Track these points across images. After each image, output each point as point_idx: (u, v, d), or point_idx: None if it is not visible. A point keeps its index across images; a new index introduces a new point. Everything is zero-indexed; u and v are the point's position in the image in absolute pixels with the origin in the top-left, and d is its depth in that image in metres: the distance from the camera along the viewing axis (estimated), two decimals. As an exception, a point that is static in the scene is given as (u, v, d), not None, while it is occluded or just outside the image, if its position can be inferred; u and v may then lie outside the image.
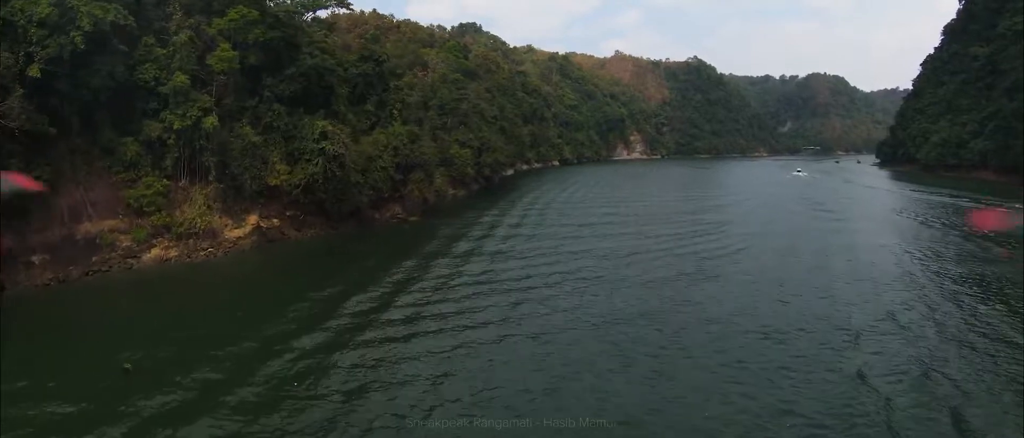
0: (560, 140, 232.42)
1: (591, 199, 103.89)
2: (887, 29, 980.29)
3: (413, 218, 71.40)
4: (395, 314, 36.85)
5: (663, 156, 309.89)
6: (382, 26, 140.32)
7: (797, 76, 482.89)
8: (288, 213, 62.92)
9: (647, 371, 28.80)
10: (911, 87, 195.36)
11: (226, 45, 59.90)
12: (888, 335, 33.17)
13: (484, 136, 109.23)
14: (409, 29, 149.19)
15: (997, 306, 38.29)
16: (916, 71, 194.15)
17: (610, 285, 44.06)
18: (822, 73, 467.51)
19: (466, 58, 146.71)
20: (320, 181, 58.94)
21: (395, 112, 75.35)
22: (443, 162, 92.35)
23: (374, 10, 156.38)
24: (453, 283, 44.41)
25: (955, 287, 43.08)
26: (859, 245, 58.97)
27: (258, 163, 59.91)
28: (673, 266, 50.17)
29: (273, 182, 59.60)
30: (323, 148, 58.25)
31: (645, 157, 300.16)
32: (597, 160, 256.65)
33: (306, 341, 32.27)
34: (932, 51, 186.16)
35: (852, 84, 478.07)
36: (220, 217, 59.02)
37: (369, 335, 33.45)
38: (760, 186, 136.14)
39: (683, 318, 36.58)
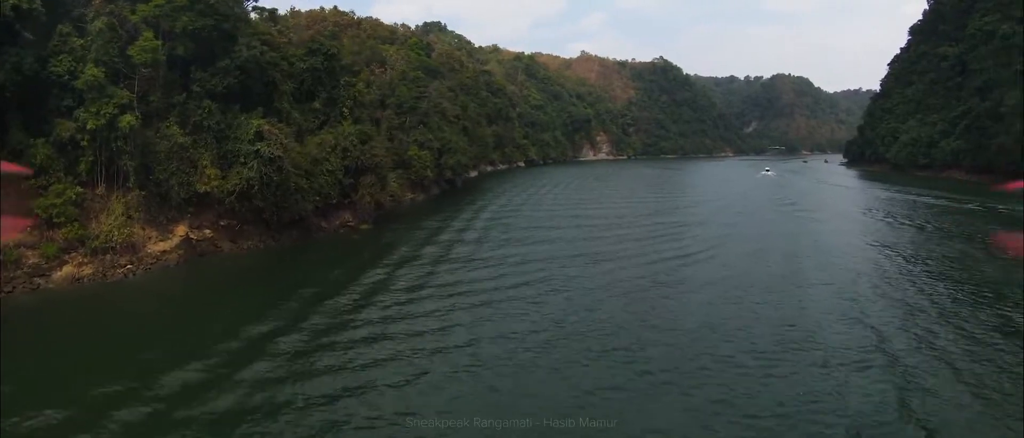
0: (526, 141, 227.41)
1: (557, 203, 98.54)
2: (850, 32, 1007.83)
3: (365, 226, 65.07)
4: (328, 359, 30.14)
5: (629, 157, 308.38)
6: (342, 23, 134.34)
7: (762, 77, 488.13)
8: (222, 223, 56.30)
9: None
10: (876, 88, 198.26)
11: (149, 34, 53.21)
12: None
13: (445, 137, 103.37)
14: (370, 26, 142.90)
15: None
16: (879, 72, 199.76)
17: (584, 302, 39.10)
18: (787, 74, 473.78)
19: (429, 56, 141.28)
20: (256, 187, 52.42)
21: (346, 110, 68.95)
22: (401, 164, 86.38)
23: (335, 7, 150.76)
24: (401, 307, 38.45)
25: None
26: (857, 254, 55.00)
27: (186, 167, 53.30)
28: (656, 283, 45.07)
29: (203, 189, 53.01)
30: (258, 150, 51.80)
31: (611, 158, 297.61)
32: (563, 161, 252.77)
33: (218, 402, 25.40)
34: (899, 52, 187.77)
35: (816, 85, 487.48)
36: (143, 228, 52.24)
37: (299, 388, 26.78)
38: (732, 187, 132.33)
39: (674, 338, 32.37)
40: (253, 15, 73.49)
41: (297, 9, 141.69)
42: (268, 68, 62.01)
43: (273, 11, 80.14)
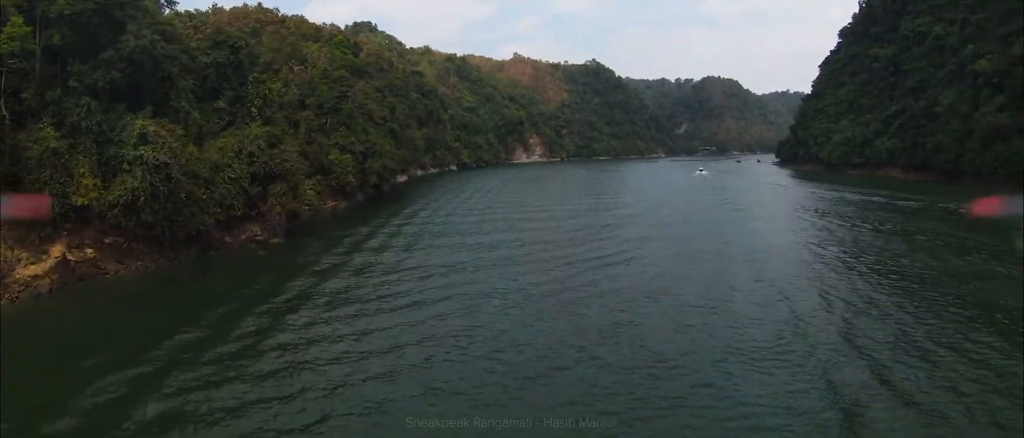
0: (458, 143, 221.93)
1: (489, 207, 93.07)
2: (777, 36, 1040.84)
3: (275, 240, 57.91)
4: (220, 399, 24.22)
5: (563, 158, 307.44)
6: (264, 20, 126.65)
7: (692, 80, 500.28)
8: (107, 241, 48.54)
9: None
10: (802, 89, 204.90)
11: (19, 19, 45.53)
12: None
13: (371, 139, 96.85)
14: (295, 24, 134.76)
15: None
16: (805, 74, 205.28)
17: (528, 323, 34.14)
18: (717, 76, 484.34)
19: (356, 56, 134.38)
20: (143, 198, 45.16)
21: (255, 110, 61.89)
22: (320, 169, 79.59)
23: (259, 4, 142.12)
24: (305, 334, 32.35)
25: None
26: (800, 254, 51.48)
27: (62, 176, 45.78)
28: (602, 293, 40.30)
29: (80, 201, 45.54)
30: (141, 155, 44.56)
31: (545, 160, 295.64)
32: (496, 164, 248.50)
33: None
34: (830, 54, 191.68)
35: (745, 87, 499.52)
36: (11, 249, 44.42)
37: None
38: (669, 189, 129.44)
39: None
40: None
41: (220, 6, 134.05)
42: (164, 62, 54.64)
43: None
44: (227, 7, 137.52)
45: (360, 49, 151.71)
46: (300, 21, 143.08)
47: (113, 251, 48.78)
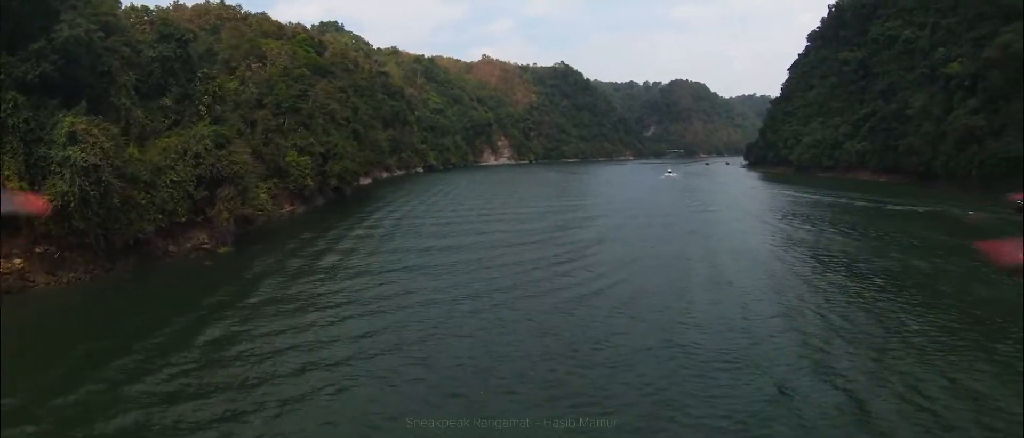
0: (424, 145, 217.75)
1: (455, 211, 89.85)
2: (745, 40, 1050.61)
3: (224, 249, 53.95)
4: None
5: (531, 161, 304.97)
6: (226, 16, 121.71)
7: (660, 83, 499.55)
8: (37, 250, 44.49)
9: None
10: (769, 93, 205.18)
11: (-65, 7, 41.57)
12: None
13: (332, 141, 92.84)
14: (257, 21, 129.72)
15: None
16: (771, 78, 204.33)
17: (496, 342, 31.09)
18: (684, 80, 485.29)
19: (320, 55, 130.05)
20: (73, 204, 41.14)
21: (204, 108, 57.90)
22: (276, 172, 75.75)
23: (221, 1, 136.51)
24: (258, 363, 28.92)
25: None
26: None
27: (-16, 179, 41.71)
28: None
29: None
30: (69, 156, 40.54)
31: (513, 162, 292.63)
32: (464, 166, 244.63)
33: None
34: (798, 57, 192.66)
35: (713, 90, 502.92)
36: (-76, 259, 40.42)
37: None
38: (641, 193, 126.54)
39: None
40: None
41: (182, 4, 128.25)
42: (103, 55, 50.56)
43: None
44: (189, 4, 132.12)
45: (325, 48, 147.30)
46: (263, 18, 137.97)
47: (44, 261, 44.63)
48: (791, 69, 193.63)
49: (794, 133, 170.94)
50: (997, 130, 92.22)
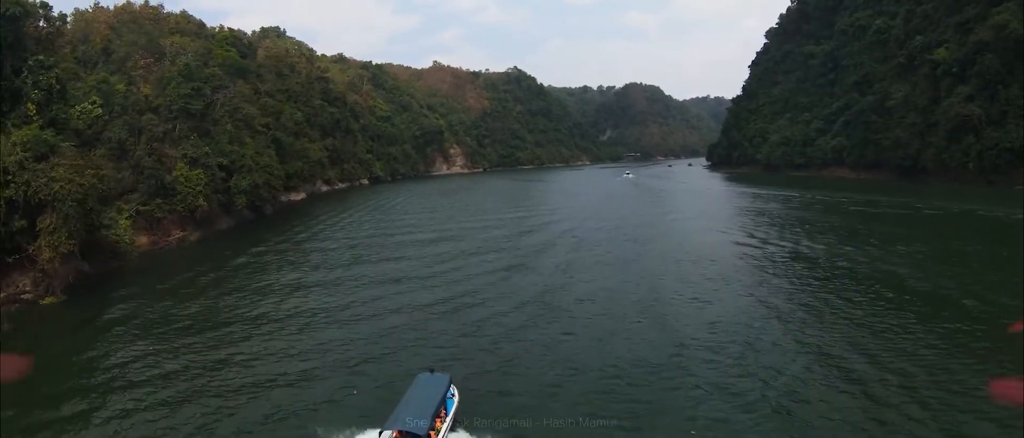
0: (370, 155, 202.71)
1: (399, 229, 76.74)
2: (695, 45, 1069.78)
3: (49, 299, 40.07)
4: None
5: (485, 169, 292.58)
6: (143, 15, 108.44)
7: (615, 87, 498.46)
8: None
9: None
10: (723, 94, 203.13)
11: None
12: None
13: (240, 151, 78.81)
14: (174, 20, 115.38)
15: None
16: (724, 79, 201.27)
17: None
18: (639, 83, 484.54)
19: (244, 56, 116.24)
20: None
21: (32, 107, 44.09)
22: (159, 191, 62.14)
23: (145, 1, 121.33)
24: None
25: None
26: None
27: None
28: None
29: None
30: None
31: (467, 171, 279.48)
32: (414, 176, 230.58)
33: None
34: (758, 54, 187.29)
35: (667, 93, 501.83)
36: None
37: None
38: (606, 201, 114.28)
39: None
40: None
41: (102, 5, 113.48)
42: None
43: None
44: (111, 6, 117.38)
45: (253, 50, 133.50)
46: (181, 17, 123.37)
47: None
48: (752, 66, 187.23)
49: (760, 131, 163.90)
50: (996, 118, 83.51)
